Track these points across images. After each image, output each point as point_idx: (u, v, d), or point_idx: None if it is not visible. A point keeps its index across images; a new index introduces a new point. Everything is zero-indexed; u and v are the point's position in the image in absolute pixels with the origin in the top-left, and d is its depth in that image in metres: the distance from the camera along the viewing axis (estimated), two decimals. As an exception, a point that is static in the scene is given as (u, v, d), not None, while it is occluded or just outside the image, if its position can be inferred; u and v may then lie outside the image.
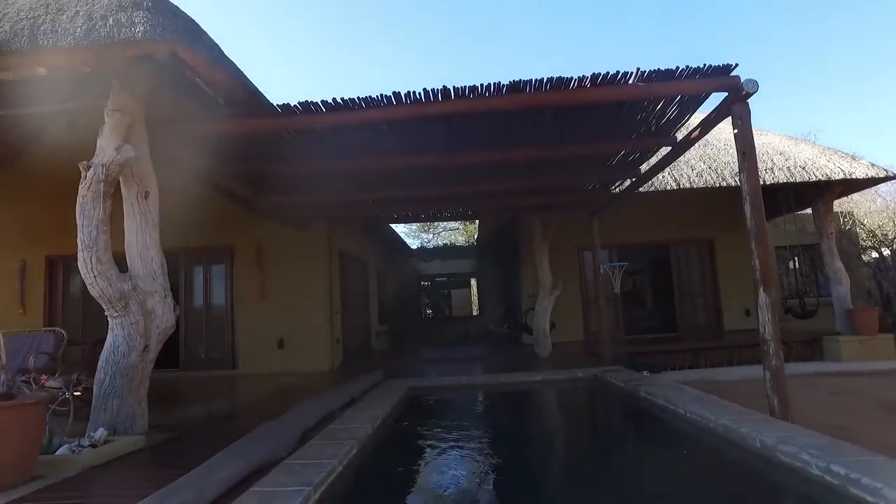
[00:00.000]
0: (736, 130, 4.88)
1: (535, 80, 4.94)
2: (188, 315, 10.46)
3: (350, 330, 11.83)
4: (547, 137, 6.48)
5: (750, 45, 39.51)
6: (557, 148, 6.61)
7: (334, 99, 5.04)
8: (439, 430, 5.52)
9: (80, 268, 4.69)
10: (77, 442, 4.17)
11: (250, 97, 5.13)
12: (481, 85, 5.00)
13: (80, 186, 4.65)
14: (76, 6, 4.53)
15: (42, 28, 4.30)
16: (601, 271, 10.65)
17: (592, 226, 10.45)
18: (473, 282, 20.47)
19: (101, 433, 4.34)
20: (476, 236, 25.71)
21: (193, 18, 4.80)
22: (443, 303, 20.03)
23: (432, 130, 6.00)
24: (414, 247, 22.00)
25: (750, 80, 4.73)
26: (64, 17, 4.41)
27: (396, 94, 5.02)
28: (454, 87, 4.99)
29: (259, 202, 8.19)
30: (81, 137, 10.24)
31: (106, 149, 4.69)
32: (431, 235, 25.98)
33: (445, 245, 23.38)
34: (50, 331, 7.77)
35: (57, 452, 3.97)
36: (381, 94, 5.02)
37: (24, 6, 4.71)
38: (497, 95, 5.07)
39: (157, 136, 5.30)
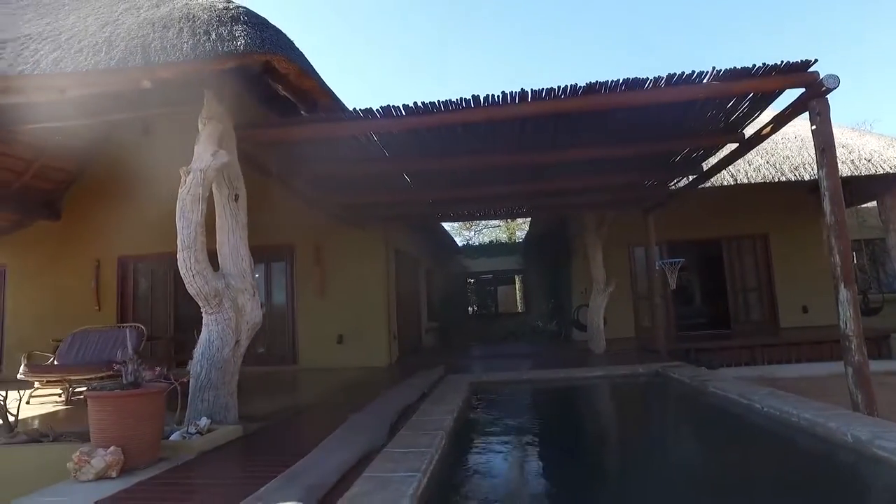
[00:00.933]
0: (815, 127, 4.89)
1: (611, 81, 5.05)
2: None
3: (403, 326, 12.07)
4: (612, 137, 6.56)
5: (793, 34, 38.42)
6: (623, 147, 6.68)
7: (415, 103, 5.23)
8: (513, 422, 5.68)
9: (179, 266, 4.96)
10: (185, 429, 4.47)
11: (333, 103, 5.37)
12: (557, 87, 5.12)
13: (180, 190, 4.95)
14: (179, 23, 4.82)
15: (153, 46, 4.59)
16: (656, 268, 10.63)
17: (643, 223, 10.48)
18: (518, 279, 20.55)
19: (205, 422, 4.63)
20: (519, 233, 25.87)
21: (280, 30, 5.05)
22: (488, 300, 20.16)
23: (505, 131, 6.15)
24: (459, 244, 22.21)
25: (830, 76, 4.74)
26: (170, 33, 4.70)
27: (475, 98, 5.19)
28: (531, 89, 5.14)
29: (324, 202, 8.47)
30: (153, 143, 10.78)
31: (203, 155, 4.97)
32: (473, 233, 26.15)
33: (491, 242, 23.50)
34: (132, 327, 8.22)
35: (170, 438, 4.28)
36: (460, 98, 5.19)
37: (130, 26, 5.03)
38: (572, 97, 5.19)
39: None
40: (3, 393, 4.91)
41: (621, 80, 5.03)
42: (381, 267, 10.76)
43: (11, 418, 4.82)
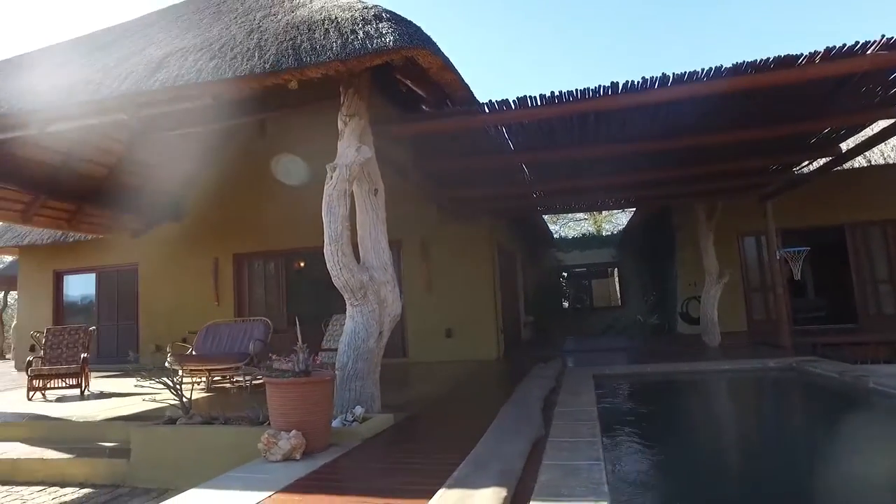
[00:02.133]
0: None
1: (760, 59, 4.80)
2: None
3: (505, 320, 12.07)
4: (747, 119, 6.25)
5: None
6: (758, 129, 6.35)
7: (552, 92, 5.19)
8: (653, 413, 5.54)
9: (326, 260, 5.14)
10: (343, 417, 4.64)
11: (469, 95, 5.41)
12: (701, 69, 4.93)
13: (326, 186, 5.13)
14: (323, 24, 5.01)
15: (303, 47, 4.80)
16: (777, 257, 10.07)
17: (753, 210, 9.97)
18: (614, 272, 20.08)
19: (360, 410, 4.78)
20: (607, 226, 25.30)
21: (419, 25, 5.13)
22: (583, 293, 19.84)
23: (636, 119, 5.99)
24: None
25: None
26: (317, 34, 4.89)
27: (614, 84, 5.08)
28: (672, 73, 4.98)
29: (438, 196, 8.59)
30: (269, 143, 11.30)
31: (347, 151, 5.13)
32: (558, 227, 25.79)
33: (584, 235, 23.10)
34: (259, 320, 8.66)
35: (332, 425, 4.45)
36: (599, 86, 5.10)
37: (275, 31, 5.28)
38: (716, 79, 4.98)
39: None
40: (179, 377, 5.27)
41: (771, 58, 4.77)
42: (486, 261, 10.79)
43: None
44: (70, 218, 10.68)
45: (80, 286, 13.65)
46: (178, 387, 5.04)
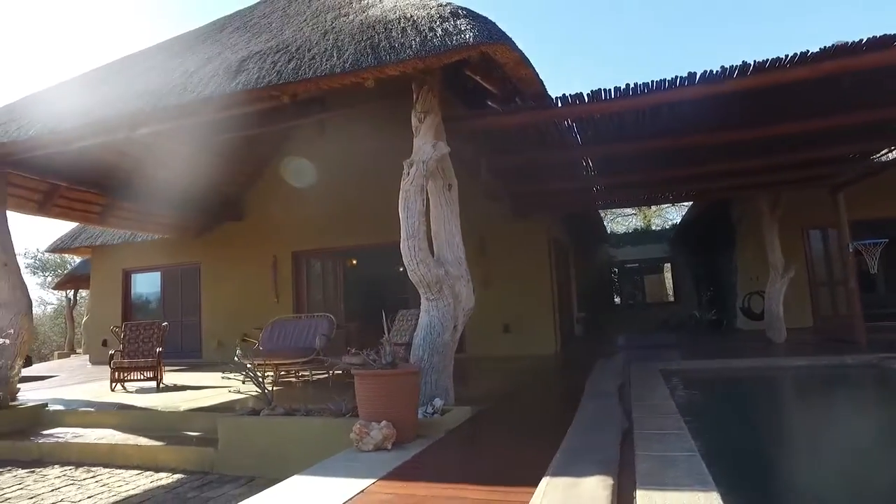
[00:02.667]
0: None
1: (852, 42, 4.65)
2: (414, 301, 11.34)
3: (561, 316, 11.99)
4: (830, 106, 6.05)
5: None
6: (844, 116, 6.13)
7: (626, 84, 5.15)
8: (736, 409, 5.43)
9: (403, 255, 5.24)
10: (424, 409, 4.72)
11: (542, 90, 5.41)
12: (785, 56, 4.81)
13: (403, 182, 5.22)
14: (399, 23, 5.10)
15: (381, 46, 4.89)
16: (849, 249, 9.69)
17: (822, 202, 9.61)
18: (667, 267, 19.69)
19: (439, 403, 4.85)
20: (657, 221, 24.80)
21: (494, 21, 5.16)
22: (635, 289, 19.53)
23: (710, 108, 5.87)
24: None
25: None
26: (394, 33, 4.98)
27: (691, 75, 5.01)
28: (754, 61, 4.86)
29: (499, 191, 8.61)
30: (327, 144, 11.51)
31: (424, 147, 5.20)
32: (608, 222, 25.35)
33: (636, 230, 22.74)
34: (324, 316, 8.85)
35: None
36: (676, 76, 5.03)
37: (350, 31, 5.40)
38: (801, 65, 4.84)
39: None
40: (259, 373, 5.46)
41: (864, 41, 4.62)
42: (543, 256, 10.76)
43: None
44: (139, 219, 11.15)
45: (146, 284, 14.22)
46: (261, 379, 5.24)
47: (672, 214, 23.40)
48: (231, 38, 7.02)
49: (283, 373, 8.24)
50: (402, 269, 5.37)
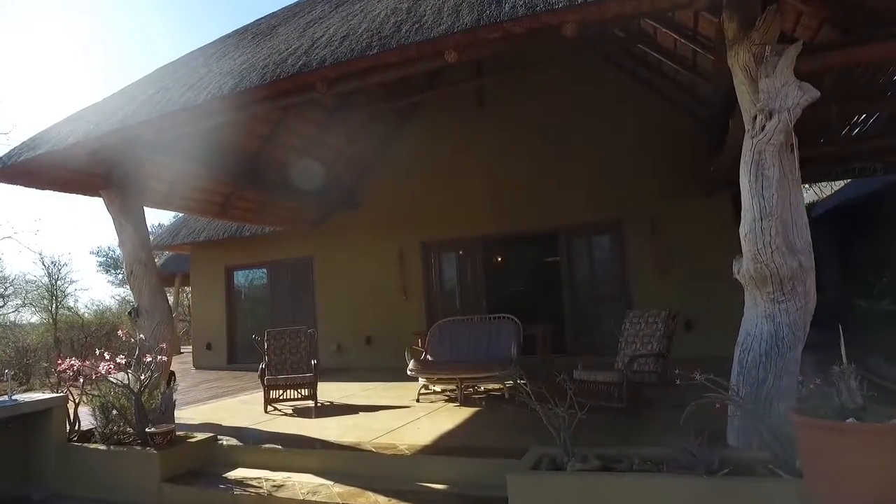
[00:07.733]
0: None
1: None
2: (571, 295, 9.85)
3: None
4: None
5: None
6: None
7: None
8: None
9: (748, 242, 3.79)
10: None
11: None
12: None
13: (753, 140, 3.71)
14: None
15: None
16: None
17: None
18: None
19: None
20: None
21: None
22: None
23: None
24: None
25: None
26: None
27: None
28: None
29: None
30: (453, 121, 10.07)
31: (785, 90, 3.64)
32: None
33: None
34: (506, 318, 7.42)
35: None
36: None
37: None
38: None
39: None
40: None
41: None
42: (731, 238, 9.10)
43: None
44: (258, 209, 9.89)
45: (251, 281, 13.09)
46: (556, 410, 3.71)
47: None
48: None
49: (469, 389, 6.83)
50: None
